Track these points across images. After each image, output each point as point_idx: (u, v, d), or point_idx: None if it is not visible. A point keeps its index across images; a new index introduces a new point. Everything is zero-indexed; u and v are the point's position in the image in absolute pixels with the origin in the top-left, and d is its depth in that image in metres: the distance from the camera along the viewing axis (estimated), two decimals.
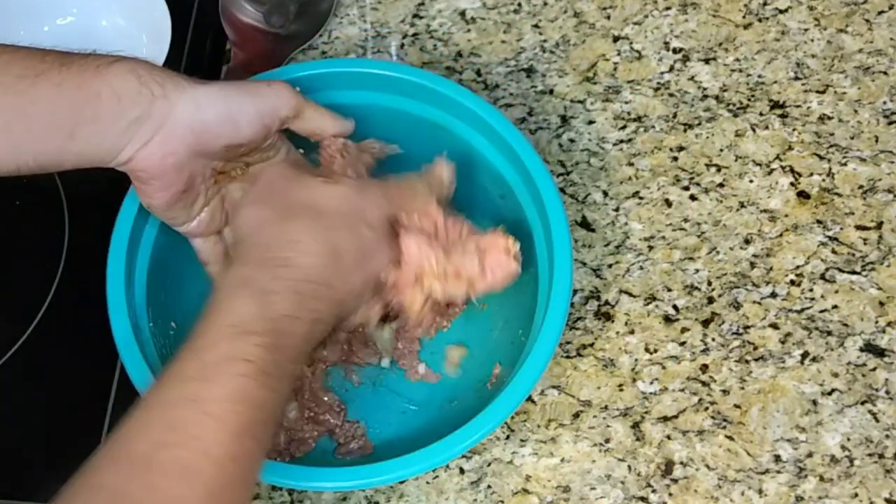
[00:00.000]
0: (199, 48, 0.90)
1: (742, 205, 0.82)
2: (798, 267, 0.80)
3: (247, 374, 0.55)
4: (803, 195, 0.83)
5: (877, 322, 0.78)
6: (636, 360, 0.77)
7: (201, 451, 0.52)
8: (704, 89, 0.87)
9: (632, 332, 0.78)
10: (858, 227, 0.81)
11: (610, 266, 0.80)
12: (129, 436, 0.53)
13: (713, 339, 0.78)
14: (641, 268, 0.80)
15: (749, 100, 0.86)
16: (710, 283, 0.80)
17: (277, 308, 0.58)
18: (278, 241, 0.62)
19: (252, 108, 0.65)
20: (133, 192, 0.69)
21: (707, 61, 0.88)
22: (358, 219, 0.65)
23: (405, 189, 0.69)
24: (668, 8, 0.91)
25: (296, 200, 0.65)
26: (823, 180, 0.83)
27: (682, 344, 0.77)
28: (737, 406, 0.75)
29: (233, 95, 0.65)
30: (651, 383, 0.76)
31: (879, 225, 0.81)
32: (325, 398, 0.75)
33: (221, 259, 0.71)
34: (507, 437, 0.75)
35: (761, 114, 0.86)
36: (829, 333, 0.78)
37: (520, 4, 0.91)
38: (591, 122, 0.86)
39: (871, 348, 0.77)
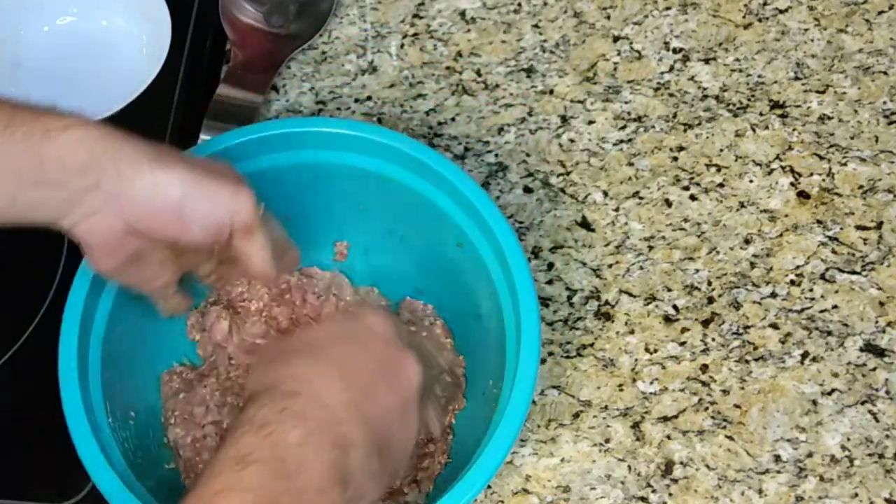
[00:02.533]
0: (199, 48, 0.90)
1: (742, 205, 0.82)
2: (798, 267, 0.80)
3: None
4: (803, 195, 0.83)
5: (877, 322, 0.78)
6: (636, 360, 0.77)
7: None
8: (704, 89, 0.87)
9: (632, 332, 0.78)
10: (858, 227, 0.81)
11: (610, 266, 0.80)
12: None
13: (713, 339, 0.78)
14: (641, 268, 0.80)
15: (749, 100, 0.86)
16: (710, 283, 0.80)
17: (283, 437, 0.54)
18: (283, 378, 0.58)
19: (207, 213, 0.61)
20: (79, 283, 0.67)
21: (707, 61, 0.88)
22: (363, 337, 0.62)
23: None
24: (668, 8, 0.91)
25: (291, 346, 0.62)
26: (823, 180, 0.83)
27: (682, 344, 0.77)
28: (737, 406, 0.75)
29: (191, 194, 0.60)
30: (651, 383, 0.76)
31: (879, 225, 0.81)
32: None
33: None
34: None
35: (761, 114, 0.86)
36: (829, 333, 0.77)
37: (520, 4, 0.91)
38: (591, 122, 0.86)
39: (871, 348, 0.77)
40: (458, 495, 0.61)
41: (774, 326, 0.78)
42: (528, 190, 0.83)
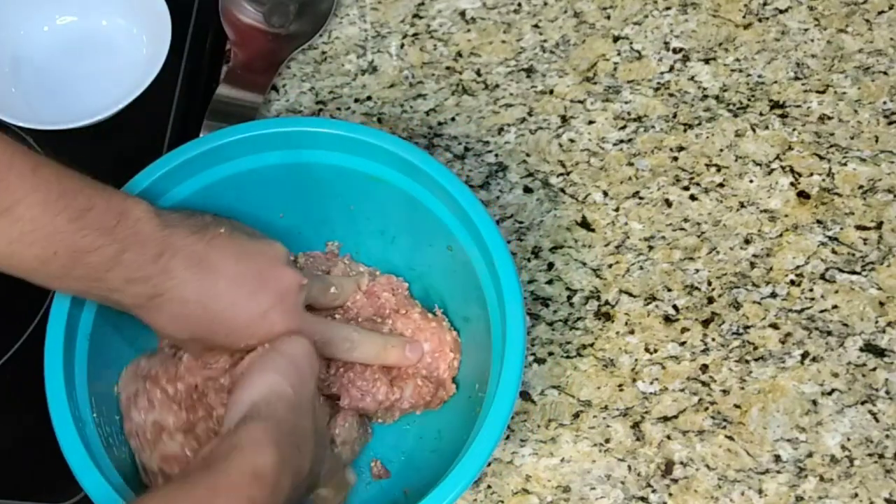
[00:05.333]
0: (199, 48, 0.90)
1: (742, 205, 0.82)
2: (798, 267, 0.80)
3: None
4: (803, 195, 0.83)
5: (877, 322, 0.78)
6: (636, 360, 0.77)
7: None
8: (704, 89, 0.87)
9: (632, 332, 0.78)
10: (858, 227, 0.81)
11: (610, 266, 0.80)
12: None
13: (713, 339, 0.78)
14: (641, 268, 0.80)
15: (749, 100, 0.86)
16: (710, 283, 0.80)
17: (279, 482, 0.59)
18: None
19: None
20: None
21: (707, 61, 0.88)
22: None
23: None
24: (668, 8, 0.91)
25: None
26: (823, 180, 0.83)
27: (682, 344, 0.77)
28: (737, 406, 0.75)
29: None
30: (651, 383, 0.76)
31: (879, 225, 0.81)
32: None
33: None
34: (507, 438, 0.75)
35: (761, 114, 0.86)
36: (829, 333, 0.77)
37: (520, 4, 0.91)
38: (591, 122, 0.86)
39: (871, 348, 0.77)
40: (440, 496, 0.61)
41: (774, 326, 0.78)
42: (528, 190, 0.83)
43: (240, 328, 0.67)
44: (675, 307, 0.79)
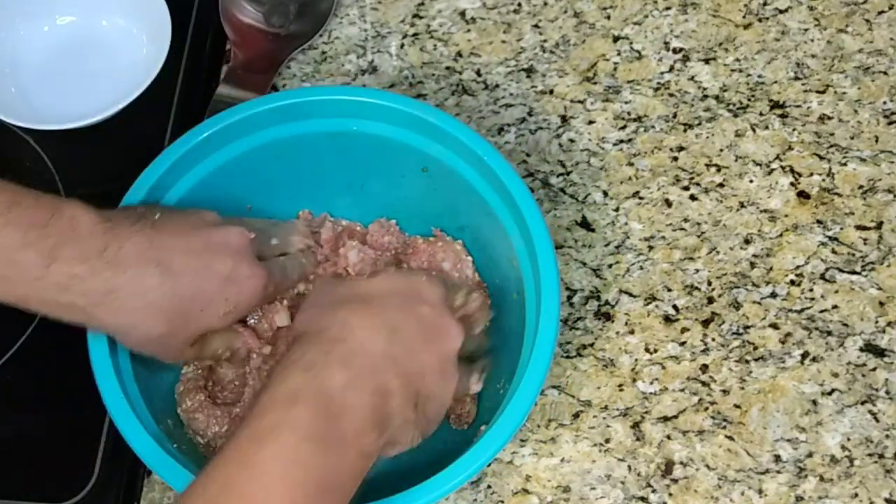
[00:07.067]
0: (199, 48, 0.90)
1: (742, 205, 0.82)
2: (798, 267, 0.80)
3: (295, 441, 0.55)
4: (803, 195, 0.83)
5: (877, 322, 0.78)
6: (636, 360, 0.77)
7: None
8: (704, 89, 0.87)
9: (632, 332, 0.78)
10: (858, 227, 0.81)
11: (610, 266, 0.80)
12: (190, 494, 0.55)
13: (713, 339, 0.78)
14: (641, 268, 0.80)
15: (749, 100, 0.86)
16: (710, 283, 0.80)
17: (329, 379, 0.58)
18: (330, 324, 0.62)
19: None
20: None
21: (707, 61, 0.88)
22: (412, 299, 0.65)
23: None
24: (668, 8, 0.91)
25: (342, 295, 0.65)
26: (823, 180, 0.83)
27: (682, 344, 0.77)
28: (737, 406, 0.75)
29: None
30: (651, 383, 0.76)
31: (879, 225, 0.81)
32: None
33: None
34: None
35: (761, 114, 0.86)
36: (829, 333, 0.78)
37: (520, 4, 0.91)
38: (591, 122, 0.86)
39: (871, 348, 0.77)
40: (490, 440, 0.63)
41: (774, 326, 0.78)
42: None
43: (211, 298, 0.66)
44: (675, 307, 0.79)
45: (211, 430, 0.72)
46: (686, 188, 0.83)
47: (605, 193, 0.83)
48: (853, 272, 0.80)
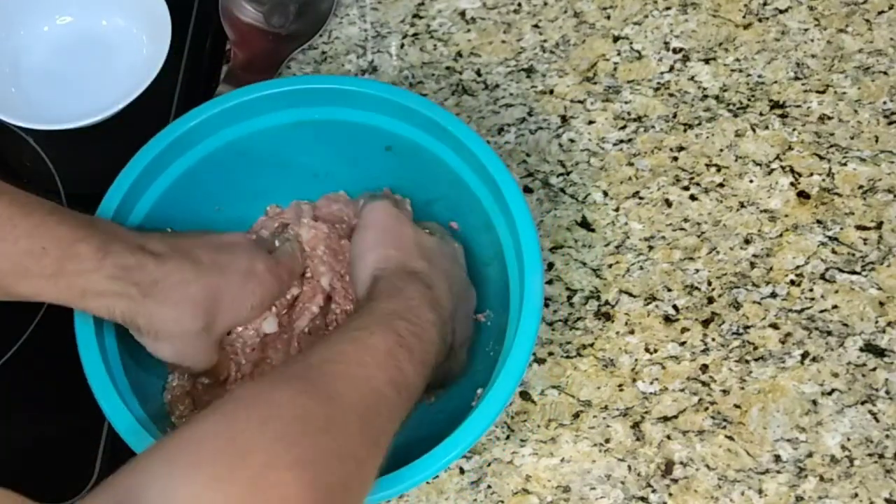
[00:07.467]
0: (199, 48, 0.90)
1: (742, 205, 0.82)
2: (798, 267, 0.80)
3: (398, 343, 0.62)
4: (803, 195, 0.83)
5: (877, 322, 0.78)
6: (636, 360, 0.77)
7: (362, 370, 0.59)
8: (704, 89, 0.87)
9: (632, 332, 0.78)
10: (858, 227, 0.81)
11: (610, 266, 0.80)
12: (306, 354, 0.61)
13: (713, 339, 0.78)
14: (641, 268, 0.80)
15: (749, 100, 0.86)
16: (710, 283, 0.80)
17: (422, 315, 0.66)
18: (415, 272, 0.69)
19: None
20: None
21: (707, 61, 0.88)
22: (454, 262, 0.74)
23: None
24: (668, 8, 0.91)
25: (413, 243, 0.72)
26: (823, 180, 0.83)
27: (682, 344, 0.77)
28: (737, 406, 0.75)
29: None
30: (651, 383, 0.76)
31: (879, 225, 0.81)
32: None
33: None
34: (507, 437, 0.75)
35: (761, 114, 0.86)
36: (829, 333, 0.78)
37: (520, 4, 0.91)
38: (591, 122, 0.86)
39: (871, 348, 0.77)
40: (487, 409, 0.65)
41: (774, 326, 0.78)
42: (528, 190, 0.84)
43: (238, 292, 0.69)
44: (675, 307, 0.79)
45: None
46: (686, 188, 0.83)
47: (606, 193, 0.83)
48: (853, 272, 0.80)
